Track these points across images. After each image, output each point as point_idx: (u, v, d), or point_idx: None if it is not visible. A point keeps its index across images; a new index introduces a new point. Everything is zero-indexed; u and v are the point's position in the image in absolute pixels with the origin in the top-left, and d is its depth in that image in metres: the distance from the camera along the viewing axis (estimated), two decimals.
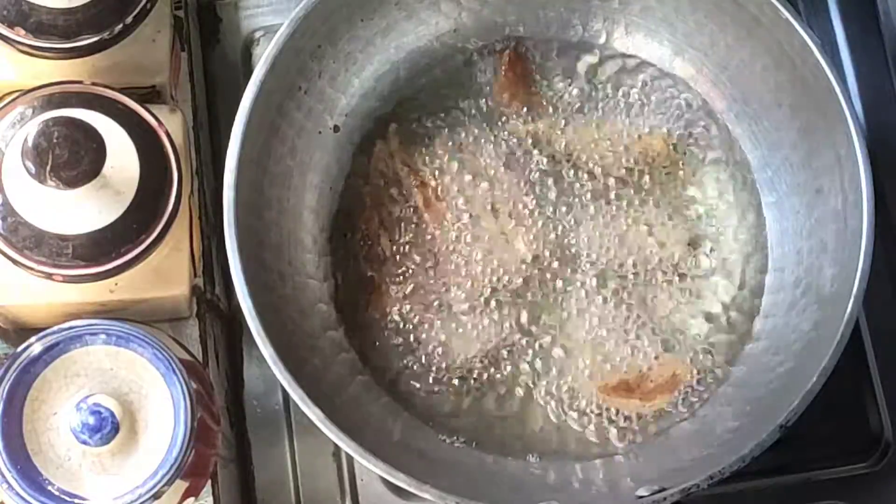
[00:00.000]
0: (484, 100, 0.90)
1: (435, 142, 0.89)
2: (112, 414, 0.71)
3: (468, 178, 0.88)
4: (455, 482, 0.79)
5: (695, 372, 0.85)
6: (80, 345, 0.73)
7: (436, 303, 0.86)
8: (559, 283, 0.86)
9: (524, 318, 0.86)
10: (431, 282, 0.86)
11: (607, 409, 0.85)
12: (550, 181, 0.88)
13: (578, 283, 0.86)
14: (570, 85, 0.91)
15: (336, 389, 0.82)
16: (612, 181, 0.88)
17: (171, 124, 0.78)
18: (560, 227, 0.87)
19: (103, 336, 0.74)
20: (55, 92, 0.76)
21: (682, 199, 0.88)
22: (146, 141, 0.76)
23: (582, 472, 0.83)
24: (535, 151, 0.89)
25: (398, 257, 0.87)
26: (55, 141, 0.70)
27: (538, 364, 0.85)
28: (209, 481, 0.80)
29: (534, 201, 0.88)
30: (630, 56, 0.91)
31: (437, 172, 0.88)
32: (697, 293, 0.86)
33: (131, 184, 0.74)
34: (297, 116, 0.86)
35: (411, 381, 0.85)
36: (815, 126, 0.83)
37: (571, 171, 0.89)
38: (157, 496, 0.72)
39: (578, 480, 0.82)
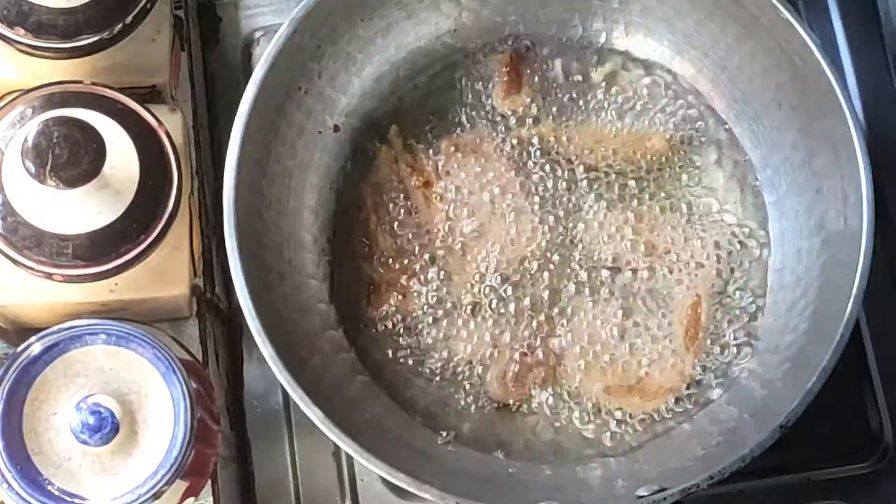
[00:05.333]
0: (484, 100, 0.90)
1: (437, 142, 0.89)
2: (112, 414, 0.71)
3: (470, 178, 0.88)
4: (455, 482, 0.79)
5: (695, 372, 0.85)
6: (80, 345, 0.73)
7: (436, 303, 0.86)
8: (561, 283, 0.86)
9: (525, 317, 0.86)
10: (432, 281, 0.86)
11: (608, 409, 0.85)
12: (551, 181, 0.88)
13: (580, 283, 0.86)
14: (570, 85, 0.91)
15: (336, 389, 0.82)
16: (613, 180, 0.88)
17: (171, 124, 0.78)
18: (561, 227, 0.87)
19: (103, 336, 0.74)
20: (55, 92, 0.76)
21: (682, 199, 0.88)
22: (146, 141, 0.76)
23: (582, 472, 0.83)
24: (537, 151, 0.89)
25: (398, 257, 0.87)
26: (55, 141, 0.70)
27: (539, 364, 0.85)
28: (209, 481, 0.80)
29: (535, 201, 0.88)
30: (630, 56, 0.91)
31: (438, 172, 0.88)
32: (698, 293, 0.86)
33: (131, 184, 0.74)
34: (297, 116, 0.86)
35: (411, 381, 0.85)
36: (815, 126, 0.83)
37: (573, 171, 0.89)
38: (157, 496, 0.72)
39: (578, 480, 0.82)
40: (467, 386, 0.85)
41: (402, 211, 0.88)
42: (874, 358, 0.92)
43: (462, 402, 0.85)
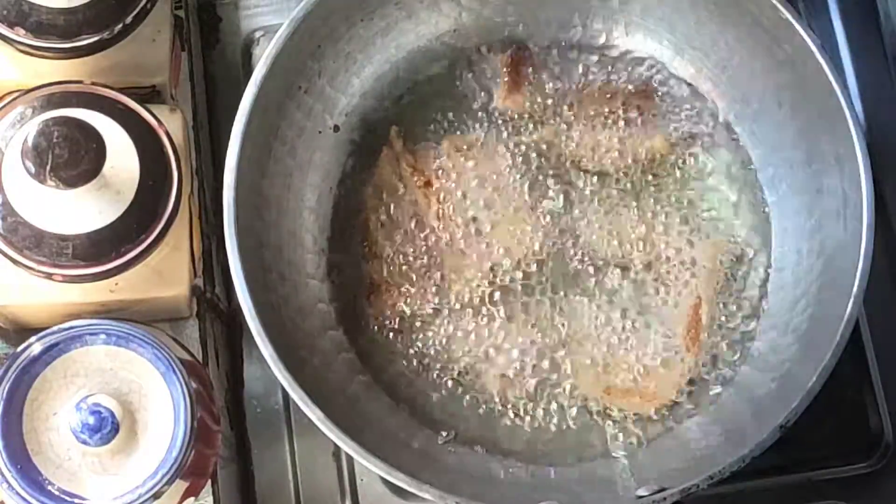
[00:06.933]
0: (485, 100, 0.90)
1: (437, 142, 0.89)
2: (112, 414, 0.71)
3: (470, 178, 0.88)
4: (455, 482, 0.79)
5: (695, 372, 0.85)
6: (80, 345, 0.73)
7: (436, 303, 0.86)
8: (561, 284, 0.86)
9: (525, 318, 0.86)
10: (432, 282, 0.86)
11: (608, 409, 0.85)
12: (552, 181, 0.88)
13: (580, 283, 0.86)
14: (570, 85, 0.91)
15: (336, 389, 0.82)
16: (613, 181, 0.88)
17: (171, 124, 0.78)
18: (562, 227, 0.87)
19: (103, 336, 0.74)
20: (55, 92, 0.76)
21: (682, 199, 0.88)
22: (146, 141, 0.76)
23: (582, 472, 0.83)
24: (537, 151, 0.89)
25: (398, 257, 0.87)
26: (55, 141, 0.70)
27: (539, 364, 0.85)
28: (209, 481, 0.80)
29: (535, 201, 0.88)
30: (630, 56, 0.91)
31: (439, 173, 0.88)
32: (698, 293, 0.86)
33: (131, 184, 0.74)
34: (297, 116, 0.86)
35: (411, 381, 0.85)
36: (815, 126, 0.83)
37: (573, 171, 0.89)
38: (157, 496, 0.72)
39: (579, 480, 0.82)
40: (467, 386, 0.85)
41: (403, 211, 0.88)
42: (874, 358, 0.92)
43: (462, 402, 0.85)
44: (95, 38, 0.77)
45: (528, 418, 0.85)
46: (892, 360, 0.92)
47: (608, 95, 0.90)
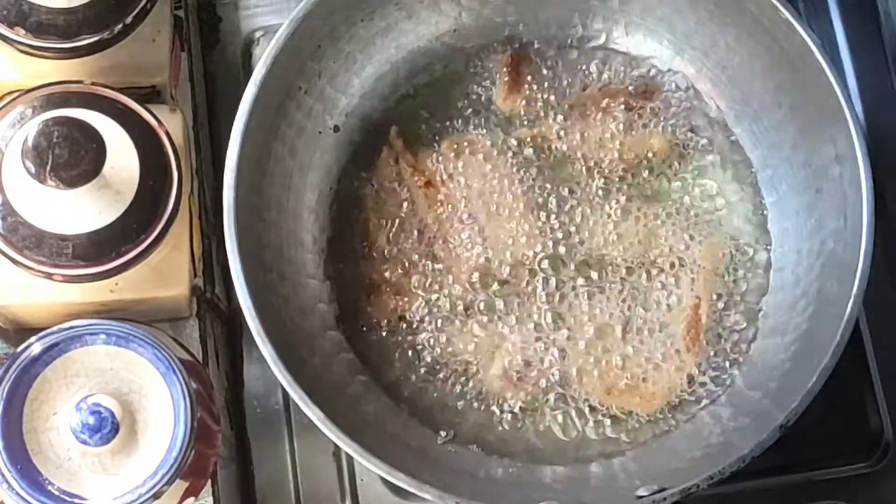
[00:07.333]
0: (485, 100, 0.90)
1: (438, 142, 0.89)
2: (112, 414, 0.71)
3: (470, 178, 0.88)
4: (455, 482, 0.79)
5: (696, 372, 0.85)
6: (80, 345, 0.73)
7: (436, 303, 0.86)
8: (561, 283, 0.86)
9: (525, 317, 0.86)
10: (432, 281, 0.86)
11: (608, 409, 0.85)
12: (552, 181, 0.88)
13: (580, 283, 0.86)
14: (570, 85, 0.91)
15: (336, 389, 0.82)
16: (613, 181, 0.88)
17: (171, 124, 0.78)
18: (562, 227, 0.87)
19: (103, 336, 0.74)
20: (55, 92, 0.76)
21: (682, 199, 0.88)
22: (146, 141, 0.76)
23: (582, 471, 0.83)
24: (537, 151, 0.89)
25: (398, 257, 0.87)
26: (55, 141, 0.70)
27: (539, 364, 0.85)
28: (209, 481, 0.80)
29: (535, 201, 0.88)
30: (630, 56, 0.91)
31: (439, 173, 0.88)
32: (698, 293, 0.86)
33: (131, 184, 0.74)
34: (297, 116, 0.86)
35: (411, 381, 0.85)
36: (816, 126, 0.83)
37: (573, 171, 0.89)
38: (157, 496, 0.72)
39: (578, 480, 0.82)
40: (467, 386, 0.85)
41: (403, 211, 0.88)
42: (874, 358, 0.92)
43: (462, 402, 0.85)
44: (95, 38, 0.77)
45: (527, 418, 0.85)
46: (892, 360, 0.92)
47: (608, 95, 0.90)
